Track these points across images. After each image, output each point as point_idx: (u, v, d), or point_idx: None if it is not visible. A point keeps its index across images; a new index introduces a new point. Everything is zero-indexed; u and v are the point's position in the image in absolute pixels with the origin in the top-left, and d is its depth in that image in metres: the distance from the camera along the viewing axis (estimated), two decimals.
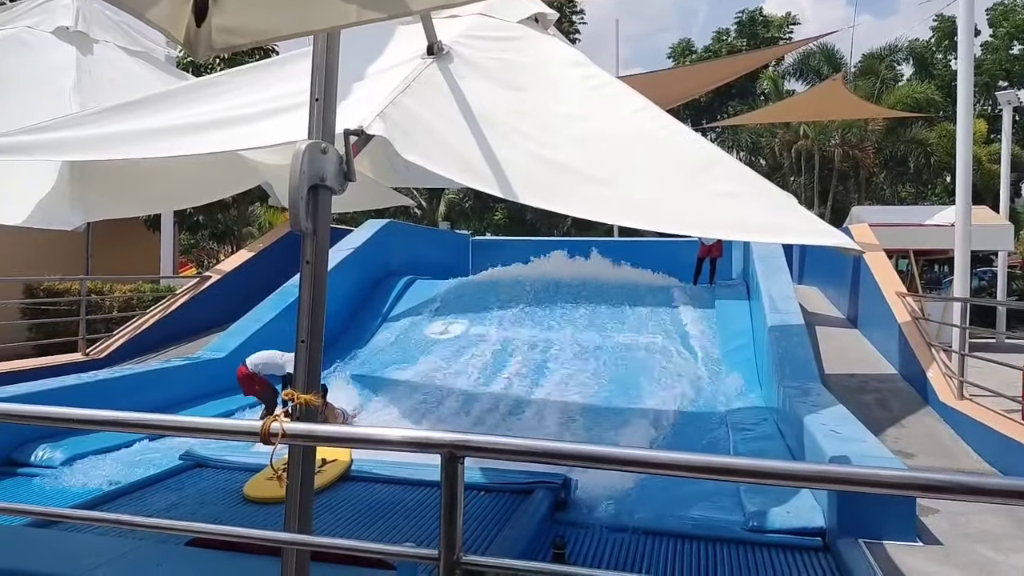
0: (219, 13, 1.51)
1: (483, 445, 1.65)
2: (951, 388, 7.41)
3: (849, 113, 21.89)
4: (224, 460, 5.99)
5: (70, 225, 3.92)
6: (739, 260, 14.22)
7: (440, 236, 20.01)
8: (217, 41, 1.52)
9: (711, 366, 9.80)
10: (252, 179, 4.93)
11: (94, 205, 4.12)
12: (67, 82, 4.56)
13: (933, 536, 4.50)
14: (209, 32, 1.52)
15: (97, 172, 4.02)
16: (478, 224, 30.69)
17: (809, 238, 3.22)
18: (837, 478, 1.71)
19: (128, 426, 1.91)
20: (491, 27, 3.81)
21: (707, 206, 3.08)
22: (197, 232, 17.58)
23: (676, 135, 3.58)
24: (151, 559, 3.27)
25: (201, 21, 1.52)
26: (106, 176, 4.06)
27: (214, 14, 1.51)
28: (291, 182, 2.02)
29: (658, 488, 5.75)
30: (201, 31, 1.52)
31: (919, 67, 33.62)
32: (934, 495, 1.63)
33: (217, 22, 1.52)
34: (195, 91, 3.50)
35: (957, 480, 1.58)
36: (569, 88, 3.67)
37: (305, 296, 2.10)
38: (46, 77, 4.54)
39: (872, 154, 29.39)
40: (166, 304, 11.38)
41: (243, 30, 1.54)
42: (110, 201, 4.35)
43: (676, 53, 36.40)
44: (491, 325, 11.41)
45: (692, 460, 1.59)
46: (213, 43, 1.53)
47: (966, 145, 9.60)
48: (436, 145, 3.01)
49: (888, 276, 10.02)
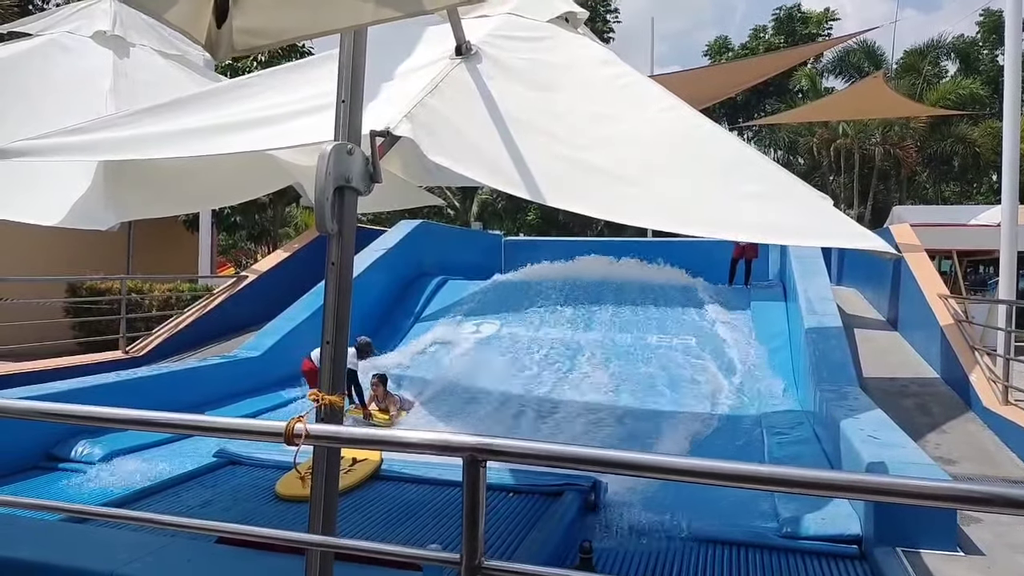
0: (239, 15, 1.51)
1: (505, 449, 1.63)
2: (995, 393, 7.19)
3: (890, 112, 21.38)
4: (256, 458, 6.07)
5: (104, 225, 4.01)
6: (775, 261, 13.99)
7: (473, 236, 20.04)
8: (238, 42, 1.52)
9: (747, 368, 9.65)
10: (284, 179, 4.97)
11: (127, 206, 4.20)
12: (104, 85, 4.67)
13: (975, 546, 4.36)
14: (230, 33, 1.53)
15: (131, 173, 4.10)
16: (511, 224, 30.70)
17: (841, 241, 3.14)
18: (872, 488, 1.65)
19: (156, 425, 1.93)
20: (520, 27, 3.78)
21: (737, 208, 3.01)
22: (235, 233, 17.87)
23: (707, 135, 3.51)
24: (182, 555, 3.31)
25: (221, 23, 1.53)
26: (140, 177, 4.14)
27: (235, 16, 1.52)
28: (317, 183, 2.02)
29: (690, 491, 5.65)
30: (222, 32, 1.53)
31: (964, 63, 32.75)
32: (974, 507, 1.56)
33: (238, 24, 1.52)
34: (227, 92, 3.54)
35: (999, 492, 1.51)
36: (598, 88, 3.62)
37: (330, 298, 2.09)
38: (84, 80, 4.65)
39: (914, 153, 28.68)
40: (204, 303, 11.59)
41: (263, 31, 1.54)
42: (143, 202, 4.43)
43: (712, 51, 36.01)
44: (522, 326, 11.40)
45: (720, 468, 1.55)
46: (234, 44, 1.53)
47: (1013, 142, 9.30)
48: (463, 147, 2.99)
49: (930, 277, 9.77)
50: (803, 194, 3.36)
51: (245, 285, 12.29)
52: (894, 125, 27.93)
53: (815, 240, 3.39)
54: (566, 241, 18.85)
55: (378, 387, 8.24)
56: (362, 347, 8.45)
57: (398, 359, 10.39)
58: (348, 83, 2.13)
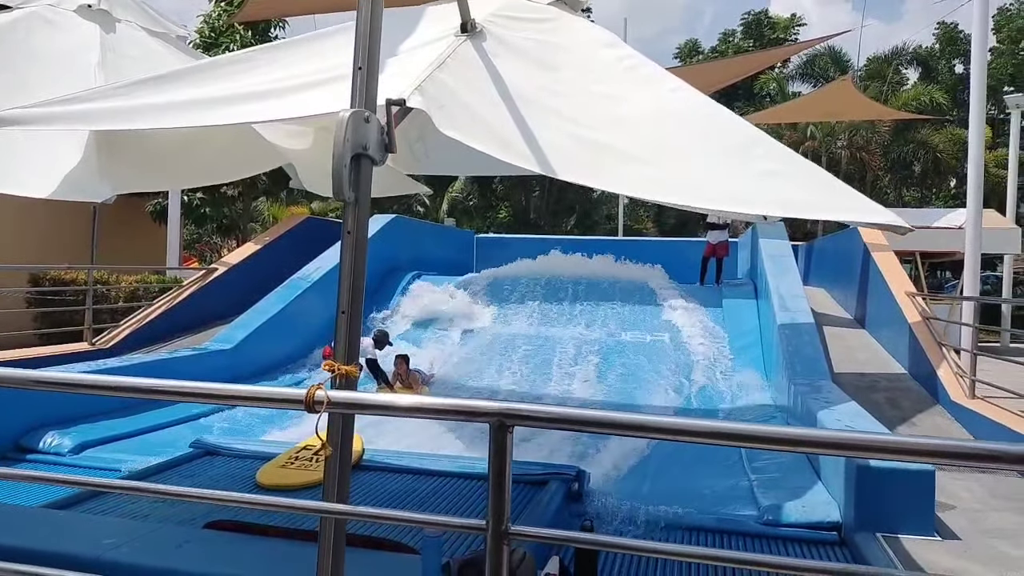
0: None
1: (532, 414, 1.62)
2: (962, 387, 7.39)
3: (858, 114, 21.83)
4: (235, 448, 5.97)
5: (99, 197, 3.91)
6: (746, 260, 14.20)
7: (445, 232, 19.99)
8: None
9: (719, 364, 9.78)
10: (275, 160, 4.91)
11: (122, 178, 4.09)
12: (92, 59, 4.54)
13: (951, 531, 4.48)
14: None
15: (125, 146, 4.00)
16: (481, 222, 30.67)
17: (857, 215, 3.20)
18: (858, 444, 1.67)
19: (166, 394, 1.88)
20: (524, 8, 3.78)
21: (753, 183, 3.05)
22: (203, 224, 17.55)
23: (716, 114, 3.56)
24: (170, 541, 3.24)
25: None
26: (134, 150, 4.04)
27: None
28: (335, 150, 1.99)
29: (673, 480, 5.73)
30: None
31: (924, 71, 33.66)
32: (953, 462, 1.58)
33: None
34: (225, 66, 3.47)
35: (978, 448, 1.54)
36: (605, 69, 3.64)
37: (346, 266, 2.07)
38: (71, 54, 4.52)
39: (878, 157, 29.36)
40: (172, 295, 11.36)
41: None
42: (138, 174, 4.32)
43: (683, 53, 36.46)
44: (496, 321, 11.41)
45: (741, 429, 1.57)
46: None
47: (978, 148, 9.57)
48: (473, 121, 2.98)
49: (897, 276, 10.01)
50: (816, 171, 3.42)
51: (215, 278, 12.09)
52: (860, 129, 28.55)
53: (832, 214, 3.45)
54: (537, 239, 18.90)
55: (401, 365, 8.64)
56: (378, 338, 8.77)
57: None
58: (365, 50, 2.11)
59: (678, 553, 1.99)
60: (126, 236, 15.04)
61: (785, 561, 2.36)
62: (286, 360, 9.91)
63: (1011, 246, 15.33)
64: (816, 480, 5.46)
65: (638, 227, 34.36)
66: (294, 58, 3.36)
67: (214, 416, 7.58)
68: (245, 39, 15.53)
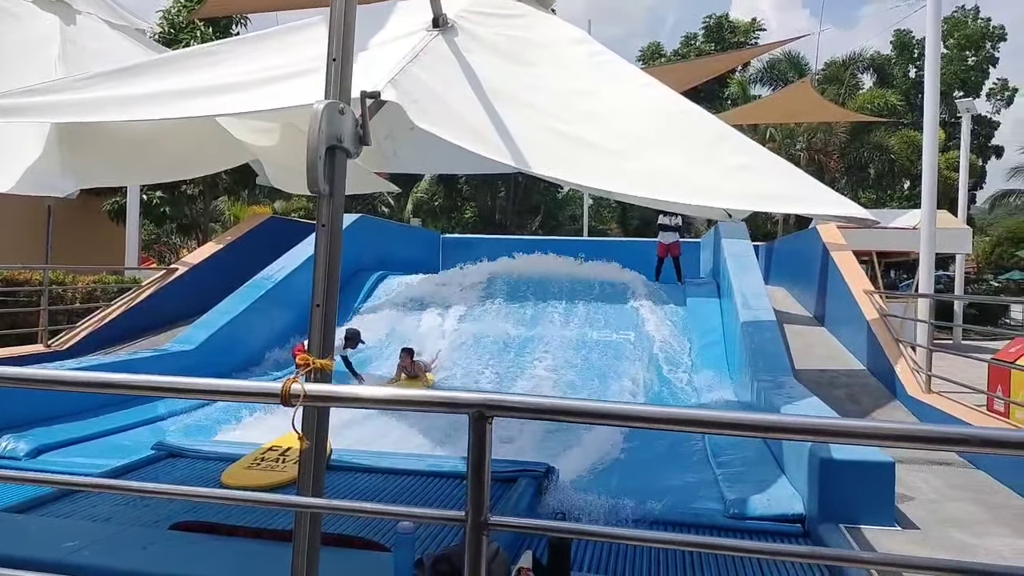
0: None
1: (512, 404, 1.63)
2: (919, 382, 7.59)
3: (817, 115, 22.33)
4: (199, 450, 5.87)
5: (62, 192, 3.80)
6: (708, 260, 14.41)
7: (411, 233, 19.90)
8: None
9: (683, 362, 9.91)
10: (242, 156, 4.83)
11: (86, 172, 3.98)
12: (52, 51, 4.40)
13: (911, 521, 4.60)
14: None
15: (88, 139, 3.90)
16: (447, 223, 30.59)
17: (824, 208, 3.27)
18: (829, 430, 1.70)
19: (145, 389, 1.84)
20: (494, 4, 3.79)
21: (726, 177, 3.10)
22: (163, 224, 17.19)
23: (687, 110, 3.61)
24: (135, 542, 3.18)
25: None
26: (98, 144, 3.93)
27: None
28: (309, 142, 1.97)
29: (641, 476, 5.79)
30: None
31: (879, 77, 34.55)
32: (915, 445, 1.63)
33: None
34: (193, 58, 3.41)
35: (940, 431, 1.60)
36: (577, 64, 3.66)
37: (321, 259, 2.05)
38: (30, 45, 4.37)
39: (836, 159, 30.02)
40: (131, 296, 11.11)
41: None
42: (102, 168, 4.20)
43: (646, 56, 36.82)
44: (463, 320, 11.39)
45: (723, 417, 1.60)
46: None
47: (932, 151, 9.86)
48: (448, 114, 2.97)
49: (856, 275, 10.24)
50: (784, 165, 3.49)
51: (175, 278, 11.85)
52: (818, 131, 29.16)
53: (803, 207, 3.52)
54: (503, 239, 18.94)
55: (406, 359, 8.87)
56: (350, 336, 8.88)
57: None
58: (340, 40, 2.09)
59: (652, 540, 2.01)
60: (82, 235, 14.68)
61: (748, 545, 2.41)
62: (250, 361, 9.76)
63: (963, 245, 15.86)
64: (780, 474, 5.56)
65: (602, 228, 34.64)
66: (263, 51, 3.32)
67: (173, 420, 7.44)
68: (206, 36, 15.27)
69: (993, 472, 5.55)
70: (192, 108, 2.97)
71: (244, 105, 3.00)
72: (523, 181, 29.50)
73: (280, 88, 2.90)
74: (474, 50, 3.31)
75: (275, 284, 10.59)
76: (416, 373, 8.93)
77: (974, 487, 5.35)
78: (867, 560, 2.63)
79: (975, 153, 30.77)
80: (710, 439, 6.88)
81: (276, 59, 3.15)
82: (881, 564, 2.90)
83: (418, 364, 9.02)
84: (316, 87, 2.30)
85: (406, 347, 9.09)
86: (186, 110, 2.97)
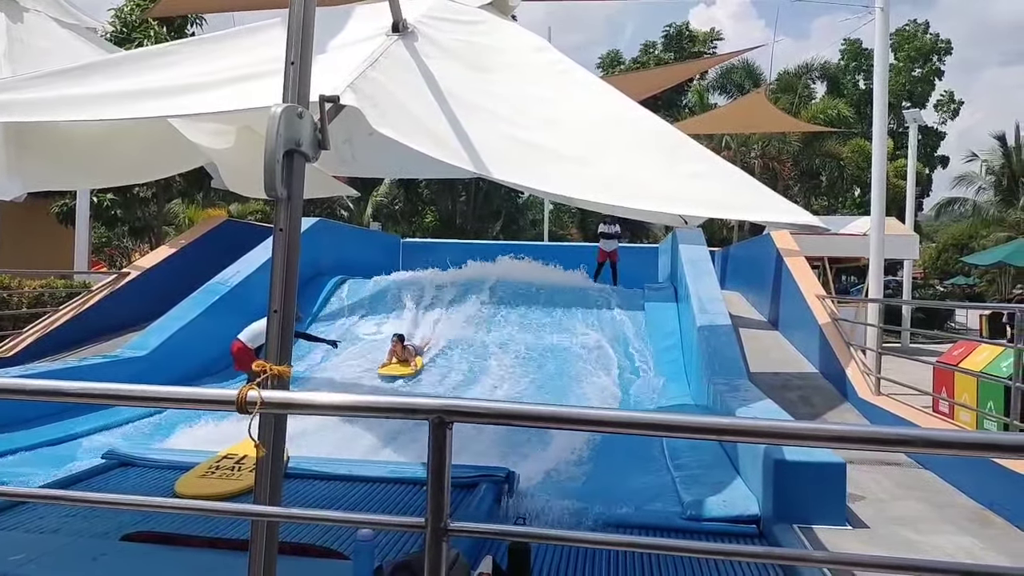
0: None
1: (471, 410, 1.64)
2: (868, 385, 7.80)
3: (771, 126, 22.83)
4: (151, 458, 5.73)
5: (8, 194, 3.67)
6: (666, 265, 14.60)
7: (371, 237, 19.76)
8: None
9: (642, 365, 10.02)
10: (196, 159, 4.74)
11: (34, 175, 3.85)
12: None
13: (861, 520, 4.72)
14: None
15: (37, 141, 3.77)
16: (407, 227, 30.43)
17: (776, 215, 3.35)
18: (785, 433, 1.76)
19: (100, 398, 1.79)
20: (454, 10, 3.80)
21: (681, 184, 3.17)
22: (114, 227, 16.75)
23: (644, 118, 3.67)
24: (85, 554, 3.10)
25: None
26: (47, 145, 3.81)
27: None
28: (267, 146, 1.95)
29: (600, 480, 5.83)
30: None
31: (831, 86, 35.48)
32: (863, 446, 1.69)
33: None
34: (149, 58, 3.33)
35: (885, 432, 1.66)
36: (537, 71, 3.70)
37: (278, 264, 2.03)
38: None
39: (789, 167, 30.71)
40: (81, 301, 10.81)
41: None
42: (52, 172, 4.07)
43: (605, 64, 37.20)
44: (424, 326, 11.34)
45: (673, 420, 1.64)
46: None
47: (881, 160, 10.15)
48: (408, 119, 2.97)
49: (808, 280, 10.49)
50: (738, 174, 3.57)
51: (127, 282, 11.56)
52: (772, 140, 29.81)
53: (754, 215, 3.61)
54: (463, 243, 18.92)
55: (397, 345, 9.49)
56: None
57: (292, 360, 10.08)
58: (298, 44, 2.08)
59: (610, 543, 2.03)
60: (29, 239, 14.24)
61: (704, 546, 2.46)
62: (205, 368, 9.57)
63: (910, 251, 16.37)
64: (736, 475, 5.66)
65: (562, 232, 34.82)
66: (221, 52, 3.27)
67: (123, 428, 7.25)
68: (160, 35, 14.97)
69: (939, 471, 5.73)
70: (147, 109, 2.92)
71: (201, 107, 2.95)
72: (484, 186, 29.53)
73: (238, 90, 2.86)
74: (434, 55, 3.31)
75: (231, 289, 10.40)
76: (406, 358, 9.46)
77: (921, 486, 5.52)
78: (819, 559, 2.71)
79: (922, 162, 31.80)
80: (668, 442, 6.97)
81: (234, 60, 3.10)
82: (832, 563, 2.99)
83: (408, 349, 9.51)
84: (274, 90, 2.28)
85: (398, 333, 9.61)
86: (141, 111, 2.91)
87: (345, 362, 10.14)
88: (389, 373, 9.44)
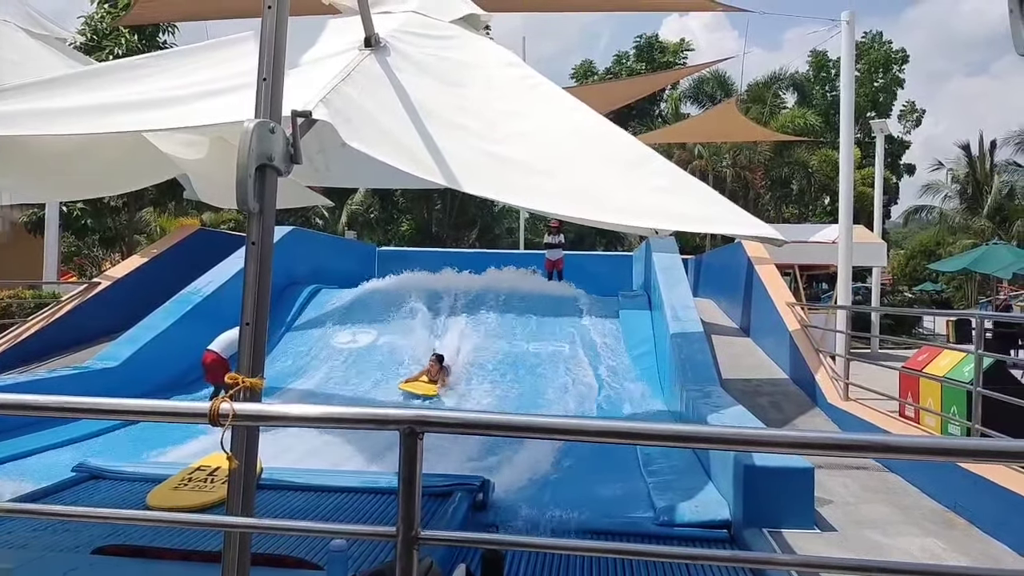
0: None
1: (442, 420, 1.67)
2: (837, 390, 7.95)
3: (741, 135, 23.16)
4: (122, 471, 5.67)
5: None
6: (640, 273, 14.74)
7: (346, 245, 19.66)
8: None
9: (616, 372, 10.09)
10: (168, 171, 4.72)
11: (5, 187, 3.82)
12: None
13: (829, 524, 4.82)
14: None
15: (6, 154, 3.73)
16: (383, 235, 30.33)
17: (739, 228, 3.44)
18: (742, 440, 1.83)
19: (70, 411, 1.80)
20: (426, 25, 3.84)
21: (647, 198, 3.24)
22: (84, 236, 16.51)
23: (611, 132, 3.75)
24: (56, 568, 3.07)
25: None
26: (16, 158, 3.76)
27: None
28: (239, 160, 1.98)
29: (574, 487, 5.88)
30: None
31: (800, 96, 36.08)
32: (838, 453, 1.76)
33: None
34: (120, 71, 3.33)
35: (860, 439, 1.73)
36: (508, 86, 3.76)
37: (251, 277, 2.05)
38: None
39: (760, 175, 31.14)
40: (51, 311, 10.66)
41: None
42: (20, 184, 4.03)
43: (579, 74, 37.48)
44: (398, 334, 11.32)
45: (645, 429, 1.68)
46: None
47: (848, 169, 10.38)
48: (380, 134, 3.00)
49: (779, 287, 10.66)
50: (702, 187, 3.65)
51: (97, 293, 11.42)
52: (744, 149, 30.21)
53: (718, 227, 3.70)
54: (439, 252, 18.92)
55: (434, 364, 9.37)
56: None
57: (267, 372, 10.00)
58: (271, 60, 2.11)
59: (584, 549, 2.08)
60: None
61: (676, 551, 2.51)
62: (177, 380, 9.47)
63: (878, 259, 16.66)
64: (708, 480, 5.74)
65: (538, 240, 34.90)
66: (194, 65, 3.28)
67: (94, 440, 7.16)
68: (131, 43, 14.82)
69: (904, 475, 5.87)
70: (120, 123, 2.92)
71: (173, 121, 2.96)
72: (459, 195, 29.50)
73: (211, 104, 2.88)
74: (406, 70, 3.36)
75: (203, 299, 10.31)
76: (436, 379, 9.30)
77: (887, 489, 5.64)
78: (787, 562, 2.78)
79: (889, 170, 32.42)
80: (641, 448, 7.05)
81: (206, 74, 3.12)
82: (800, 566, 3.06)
83: (444, 370, 9.44)
84: (247, 104, 2.31)
85: (437, 354, 9.52)
86: (113, 125, 2.91)
87: (340, 373, 10.08)
88: (410, 390, 9.21)
